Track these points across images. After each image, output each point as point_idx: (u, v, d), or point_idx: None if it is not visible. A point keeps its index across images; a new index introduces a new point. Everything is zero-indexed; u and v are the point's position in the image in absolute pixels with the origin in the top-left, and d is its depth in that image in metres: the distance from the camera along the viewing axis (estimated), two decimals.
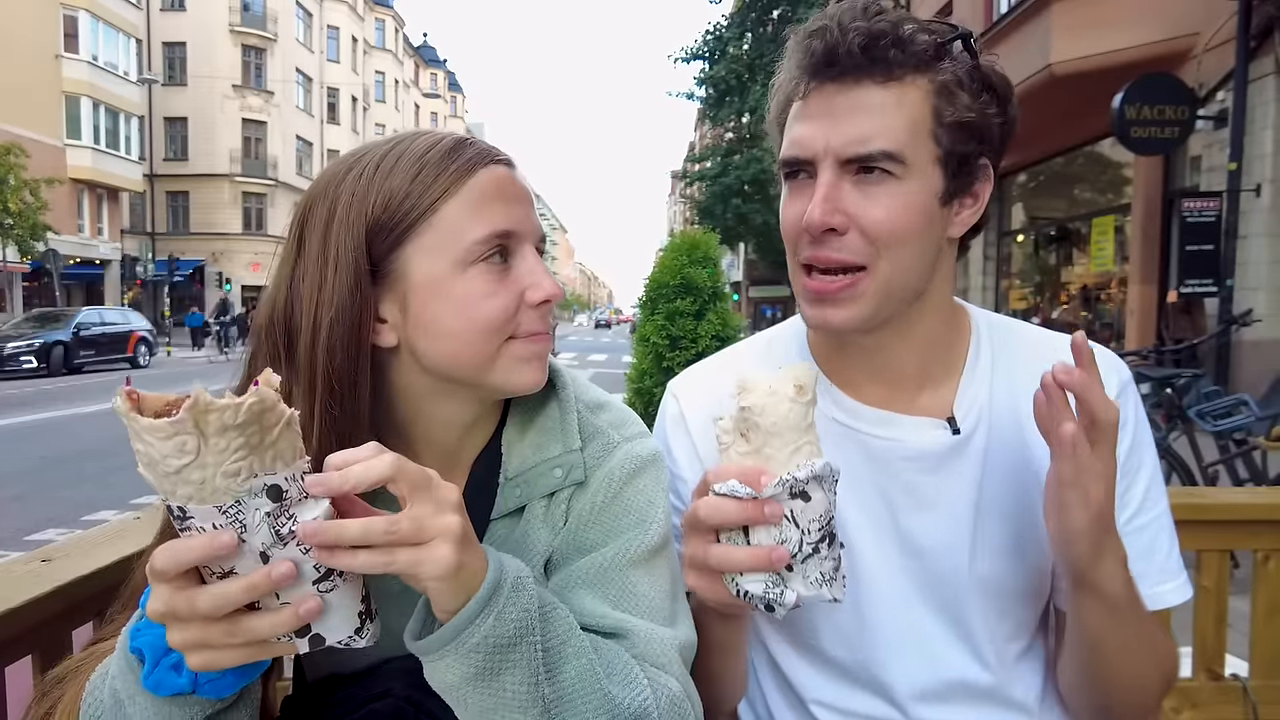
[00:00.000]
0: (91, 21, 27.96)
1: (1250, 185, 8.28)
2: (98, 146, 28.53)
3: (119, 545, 1.09)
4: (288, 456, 0.60)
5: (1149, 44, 9.27)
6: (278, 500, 0.59)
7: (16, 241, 21.04)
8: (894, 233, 0.89)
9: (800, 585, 0.75)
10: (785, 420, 0.73)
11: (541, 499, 0.88)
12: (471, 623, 0.66)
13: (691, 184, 29.14)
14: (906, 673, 0.98)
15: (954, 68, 0.89)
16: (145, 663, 0.66)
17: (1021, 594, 0.98)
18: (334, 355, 0.78)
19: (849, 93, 0.88)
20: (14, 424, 10.68)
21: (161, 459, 0.56)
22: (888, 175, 0.88)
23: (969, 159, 0.92)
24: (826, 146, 0.89)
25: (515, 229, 0.83)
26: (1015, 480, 0.97)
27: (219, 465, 0.57)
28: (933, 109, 0.89)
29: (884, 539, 0.99)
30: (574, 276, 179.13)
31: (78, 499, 6.69)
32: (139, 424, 0.55)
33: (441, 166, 0.81)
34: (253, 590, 0.60)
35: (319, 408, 0.78)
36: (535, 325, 0.85)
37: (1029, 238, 14.44)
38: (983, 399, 1.00)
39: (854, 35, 0.87)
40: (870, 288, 0.91)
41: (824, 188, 0.89)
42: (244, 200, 38.08)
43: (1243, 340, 7.97)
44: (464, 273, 0.80)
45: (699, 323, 5.58)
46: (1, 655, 0.94)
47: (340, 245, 0.79)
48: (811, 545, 0.74)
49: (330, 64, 45.04)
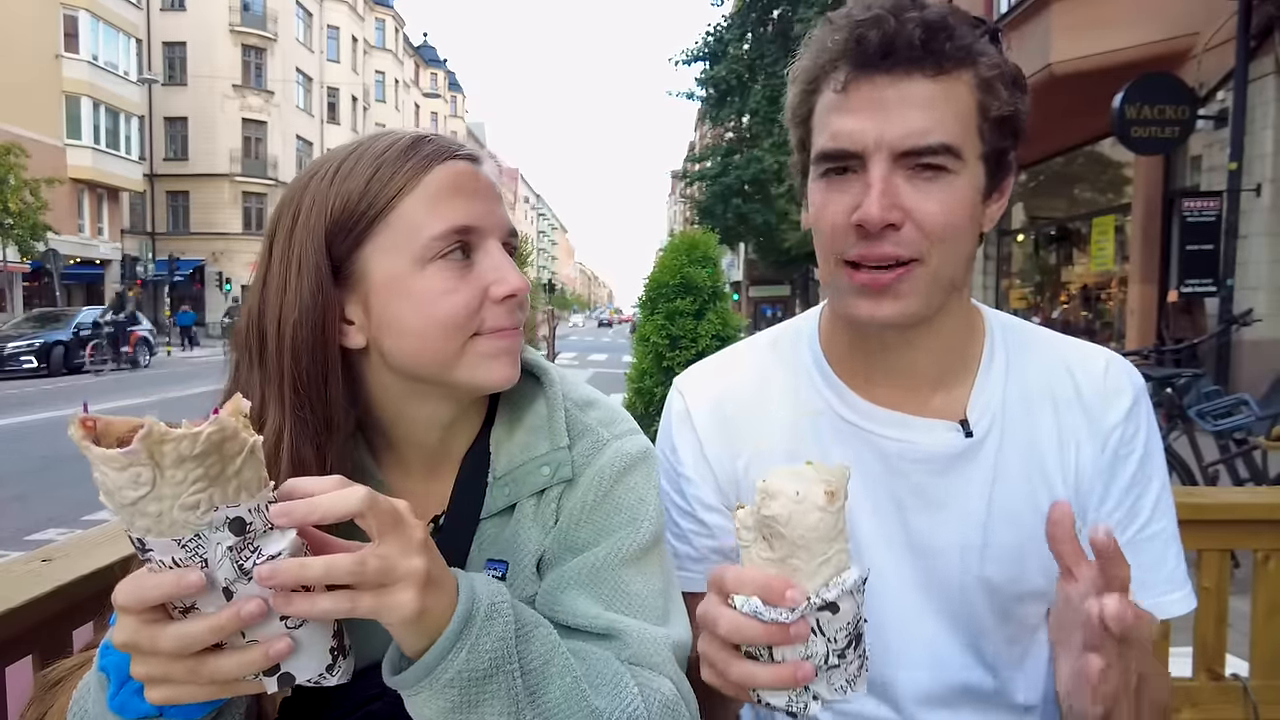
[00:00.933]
0: (92, 21, 27.96)
1: (1250, 185, 8.27)
2: (98, 146, 28.52)
3: (119, 545, 1.08)
4: (252, 487, 0.57)
5: (1149, 44, 9.26)
6: (240, 534, 0.56)
7: (17, 241, 21.04)
8: (949, 227, 0.87)
9: (825, 690, 0.70)
10: (814, 531, 0.66)
11: (531, 497, 0.88)
12: (443, 659, 0.65)
13: (692, 184, 29.13)
14: (911, 677, 0.98)
15: (991, 61, 0.88)
16: (111, 683, 0.64)
17: (1027, 597, 0.98)
18: (300, 358, 0.78)
19: (900, 85, 0.85)
20: (15, 424, 10.68)
21: (117, 490, 0.54)
22: (943, 171, 0.86)
23: (1005, 154, 0.92)
24: (879, 139, 0.85)
25: (475, 224, 0.82)
26: (1026, 484, 0.96)
27: (176, 498, 0.54)
28: (978, 104, 0.87)
29: (893, 541, 0.98)
30: (574, 276, 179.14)
31: (78, 499, 6.68)
32: (92, 454, 0.53)
33: (397, 165, 0.80)
34: (219, 632, 0.58)
35: (289, 412, 0.78)
36: (501, 320, 0.83)
37: (1029, 237, 14.44)
38: (996, 402, 0.98)
39: (912, 26, 0.84)
40: (923, 282, 0.88)
41: (880, 183, 0.85)
42: (244, 200, 38.06)
43: (1243, 340, 7.96)
44: (423, 270, 0.79)
45: (699, 322, 5.58)
46: (2, 655, 0.94)
47: (303, 248, 0.79)
48: (838, 653, 0.69)
49: (330, 64, 45.02)
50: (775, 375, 1.08)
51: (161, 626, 0.58)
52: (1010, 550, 0.96)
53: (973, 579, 0.96)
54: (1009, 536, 0.96)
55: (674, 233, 6.99)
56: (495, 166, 0.89)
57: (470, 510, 0.89)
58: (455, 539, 0.88)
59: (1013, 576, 0.96)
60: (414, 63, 64.18)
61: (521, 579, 0.87)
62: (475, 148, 0.87)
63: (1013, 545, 0.96)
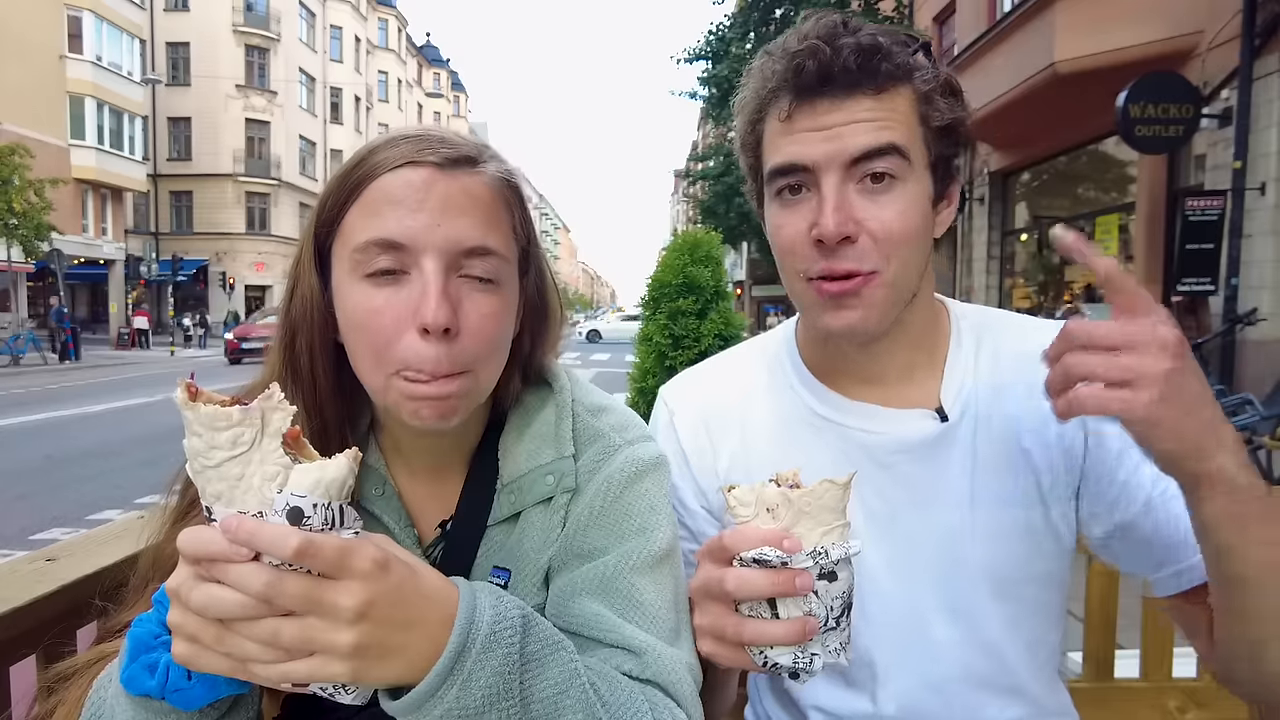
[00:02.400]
0: (95, 22, 28.00)
1: (1255, 184, 8.24)
2: (102, 147, 28.55)
3: (123, 544, 1.09)
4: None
5: (1153, 42, 9.24)
6: (295, 523, 0.56)
7: (21, 241, 21.05)
8: (903, 235, 0.90)
9: (821, 652, 0.74)
10: (822, 500, 0.71)
11: (537, 505, 0.87)
12: (431, 696, 0.61)
13: (694, 183, 29.10)
14: (910, 665, 0.99)
15: (926, 75, 0.92)
16: (127, 654, 0.64)
17: (1021, 580, 0.99)
18: (294, 344, 0.81)
19: (842, 106, 0.89)
20: (19, 423, 10.71)
21: (209, 449, 0.56)
22: (894, 180, 0.89)
23: (950, 161, 0.95)
24: (829, 155, 0.89)
25: (404, 240, 0.73)
26: (1006, 462, 0.98)
27: (263, 462, 0.56)
28: (920, 115, 0.91)
29: (882, 534, 0.99)
30: (576, 275, 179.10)
31: (83, 498, 6.71)
32: (199, 412, 0.56)
33: (351, 171, 0.77)
34: (244, 607, 0.56)
35: (291, 389, 0.81)
36: (419, 359, 0.73)
37: (1033, 237, 14.40)
38: (968, 386, 1.01)
39: (847, 51, 0.88)
40: (881, 292, 0.91)
41: (834, 196, 0.89)
42: (247, 200, 38.08)
43: (1247, 340, 7.94)
44: (356, 282, 0.75)
45: (702, 322, 5.57)
46: (6, 654, 0.94)
47: (304, 247, 0.82)
48: (834, 620, 0.74)
49: (333, 64, 45.03)
50: (757, 382, 1.11)
51: (202, 582, 0.57)
52: (998, 530, 0.98)
53: (964, 562, 0.98)
54: (995, 517, 0.97)
55: (677, 232, 6.98)
56: (496, 172, 0.81)
57: (477, 517, 0.88)
58: (461, 546, 0.87)
59: (1003, 556, 0.97)
60: (417, 63, 64.22)
61: (525, 588, 0.85)
62: (474, 149, 0.81)
63: (1000, 525, 0.97)
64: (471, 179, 0.78)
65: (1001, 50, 11.05)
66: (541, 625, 0.69)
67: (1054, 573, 1.00)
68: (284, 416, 0.56)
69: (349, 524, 0.59)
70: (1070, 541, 1.00)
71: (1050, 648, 1.03)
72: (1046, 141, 12.03)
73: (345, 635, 0.57)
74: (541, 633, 0.69)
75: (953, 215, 1.00)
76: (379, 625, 0.58)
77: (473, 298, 0.76)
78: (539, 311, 0.92)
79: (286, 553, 0.54)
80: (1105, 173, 11.95)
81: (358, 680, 0.59)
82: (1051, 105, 10.17)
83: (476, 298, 0.76)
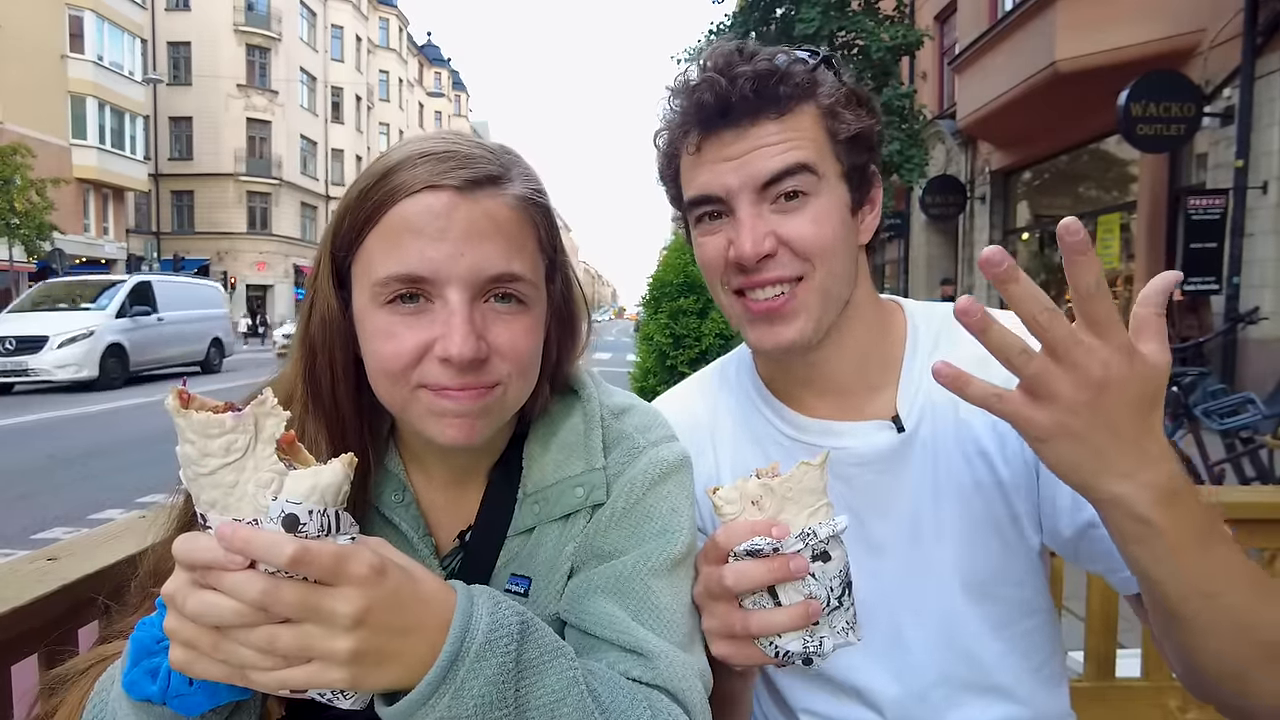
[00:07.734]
0: (97, 21, 28.02)
1: (1257, 182, 8.24)
2: (103, 146, 28.59)
3: (125, 544, 1.09)
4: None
5: (1154, 41, 9.23)
6: (291, 530, 0.56)
7: (23, 241, 21.08)
8: (822, 244, 0.92)
9: (829, 633, 0.77)
10: (802, 484, 0.74)
11: (556, 521, 0.85)
12: (424, 704, 0.60)
13: None
14: (889, 675, 0.99)
15: (829, 90, 0.94)
16: (129, 659, 0.64)
17: (992, 580, 0.98)
18: (319, 370, 0.80)
19: (746, 134, 0.91)
20: (21, 422, 10.71)
21: (202, 457, 0.55)
22: (805, 196, 0.92)
23: (864, 168, 0.98)
24: (740, 181, 0.91)
25: (427, 274, 0.72)
26: (966, 465, 0.98)
27: (257, 469, 0.56)
28: (826, 129, 0.93)
29: (853, 546, 0.98)
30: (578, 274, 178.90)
31: (84, 498, 6.71)
32: (191, 420, 0.55)
33: (370, 191, 0.75)
34: (240, 615, 0.55)
35: (308, 400, 0.80)
36: (440, 379, 0.73)
37: (1034, 236, 14.39)
38: (923, 393, 1.00)
39: (743, 81, 0.89)
40: (810, 297, 0.93)
41: (749, 219, 0.92)
42: (248, 199, 38.15)
43: (1249, 338, 7.94)
44: (377, 310, 0.75)
45: (702, 321, 5.56)
46: (7, 653, 0.94)
47: (321, 264, 0.81)
48: (836, 599, 0.76)
49: (334, 63, 45.02)
50: (723, 403, 1.13)
51: (198, 589, 0.57)
52: (965, 531, 0.98)
53: (936, 566, 0.98)
54: (961, 518, 0.98)
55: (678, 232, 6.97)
56: (520, 192, 0.78)
57: (497, 526, 0.86)
58: (480, 555, 0.86)
59: (972, 555, 0.98)
60: (418, 62, 64.20)
61: (546, 595, 0.84)
62: (497, 165, 0.77)
63: (966, 526, 0.98)
64: (494, 201, 0.75)
65: (1003, 49, 11.04)
66: (540, 632, 0.69)
67: (1029, 570, 0.99)
68: (277, 422, 0.55)
69: (345, 530, 0.59)
70: (1037, 540, 0.98)
71: (1044, 649, 1.02)
72: (1048, 140, 12.02)
73: (343, 642, 0.56)
74: (540, 639, 0.68)
75: (877, 219, 1.02)
76: (376, 631, 0.58)
77: (501, 319, 0.76)
78: (566, 320, 0.90)
79: (281, 560, 0.54)
80: (1106, 172, 11.94)
81: (356, 686, 0.59)
82: (1052, 104, 10.17)
83: (505, 319, 0.76)
